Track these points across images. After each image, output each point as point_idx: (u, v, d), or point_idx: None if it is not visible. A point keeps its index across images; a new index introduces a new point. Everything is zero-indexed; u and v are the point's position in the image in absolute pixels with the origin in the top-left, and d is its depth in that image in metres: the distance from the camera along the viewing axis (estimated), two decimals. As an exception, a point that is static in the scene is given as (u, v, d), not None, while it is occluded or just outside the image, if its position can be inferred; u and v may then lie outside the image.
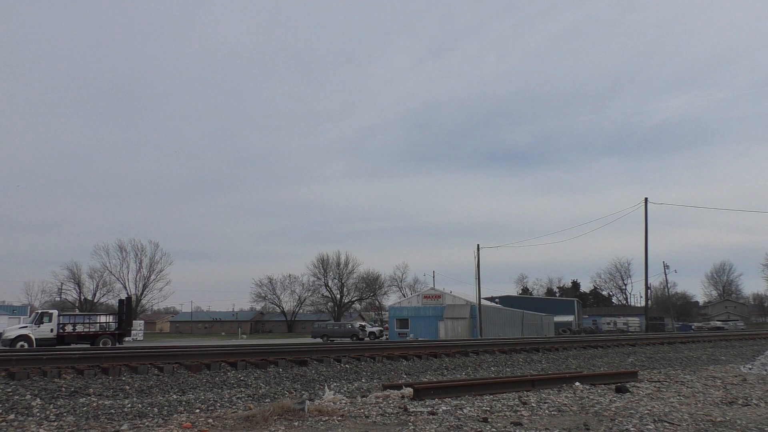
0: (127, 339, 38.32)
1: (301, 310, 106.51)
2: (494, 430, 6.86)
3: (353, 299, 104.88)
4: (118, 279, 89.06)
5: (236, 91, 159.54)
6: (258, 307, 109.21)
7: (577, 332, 67.75)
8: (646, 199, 47.54)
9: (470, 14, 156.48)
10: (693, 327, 76.57)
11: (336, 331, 52.94)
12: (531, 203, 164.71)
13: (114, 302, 75.85)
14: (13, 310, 78.72)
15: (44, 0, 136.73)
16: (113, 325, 36.91)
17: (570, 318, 78.61)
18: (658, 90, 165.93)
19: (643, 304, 77.40)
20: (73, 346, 31.21)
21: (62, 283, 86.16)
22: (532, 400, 9.15)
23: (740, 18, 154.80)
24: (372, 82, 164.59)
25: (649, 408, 8.49)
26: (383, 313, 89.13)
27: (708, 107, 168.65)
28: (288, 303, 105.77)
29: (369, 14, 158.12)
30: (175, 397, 9.88)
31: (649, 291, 58.14)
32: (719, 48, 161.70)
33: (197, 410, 8.82)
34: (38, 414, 8.17)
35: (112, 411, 8.50)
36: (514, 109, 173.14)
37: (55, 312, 36.26)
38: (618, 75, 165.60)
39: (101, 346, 32.82)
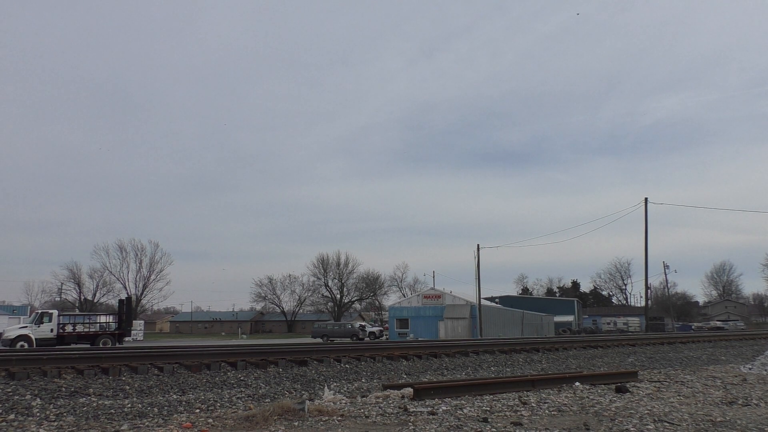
0: (127, 339, 38.31)
1: (301, 310, 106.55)
2: (494, 430, 6.86)
3: (353, 299, 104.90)
4: (118, 279, 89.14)
5: (232, 92, 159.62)
6: (258, 307, 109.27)
7: (577, 332, 67.74)
8: (646, 199, 47.50)
9: (462, 15, 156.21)
10: (693, 327, 76.52)
11: (336, 331, 52.93)
12: (529, 203, 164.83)
13: (114, 302, 75.86)
14: (13, 310, 78.68)
15: (41, 0, 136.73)
16: (113, 325, 36.90)
17: (570, 318, 78.58)
18: (650, 90, 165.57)
19: (643, 304, 77.33)
20: (73, 346, 31.20)
21: (62, 283, 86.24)
22: (532, 400, 9.15)
23: (730, 19, 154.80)
24: (366, 82, 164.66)
25: (649, 408, 8.48)
26: (383, 313, 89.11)
27: (701, 108, 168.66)
28: (288, 303, 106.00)
29: (361, 15, 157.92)
30: (175, 397, 9.88)
31: (649, 291, 58.11)
32: (710, 49, 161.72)
33: (197, 410, 8.83)
34: (38, 414, 8.17)
35: (112, 411, 8.50)
36: (507, 109, 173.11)
37: (55, 312, 36.23)
38: (610, 75, 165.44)
39: (101, 346, 32.81)
